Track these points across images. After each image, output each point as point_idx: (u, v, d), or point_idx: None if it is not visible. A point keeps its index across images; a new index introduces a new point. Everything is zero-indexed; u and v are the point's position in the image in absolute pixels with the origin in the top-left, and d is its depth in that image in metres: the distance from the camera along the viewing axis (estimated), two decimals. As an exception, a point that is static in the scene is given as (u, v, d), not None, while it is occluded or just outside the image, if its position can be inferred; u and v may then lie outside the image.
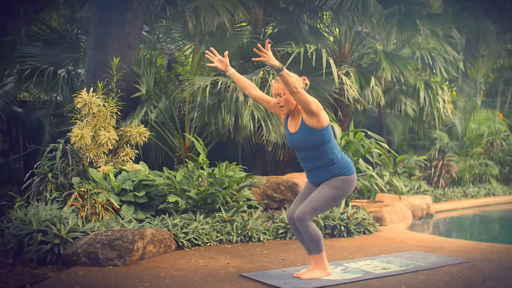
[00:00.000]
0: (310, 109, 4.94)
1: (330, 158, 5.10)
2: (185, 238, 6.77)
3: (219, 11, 10.16)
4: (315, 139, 5.04)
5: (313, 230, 5.15)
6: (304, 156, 5.20)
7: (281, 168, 12.34)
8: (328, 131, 5.09)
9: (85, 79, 9.76)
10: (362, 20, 11.24)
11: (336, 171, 5.11)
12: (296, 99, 4.90)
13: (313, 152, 5.10)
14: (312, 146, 5.07)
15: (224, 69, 5.46)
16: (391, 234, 8.01)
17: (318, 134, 5.03)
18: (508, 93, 19.00)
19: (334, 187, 5.11)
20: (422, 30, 12.38)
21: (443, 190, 13.43)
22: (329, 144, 5.10)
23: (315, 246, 5.23)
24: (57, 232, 5.94)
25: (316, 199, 5.12)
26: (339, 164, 5.12)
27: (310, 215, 5.11)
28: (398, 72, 11.94)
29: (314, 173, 5.21)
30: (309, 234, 5.15)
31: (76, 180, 7.36)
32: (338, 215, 7.99)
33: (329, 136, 5.09)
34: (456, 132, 15.41)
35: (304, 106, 4.93)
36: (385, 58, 11.94)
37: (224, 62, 5.45)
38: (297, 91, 4.82)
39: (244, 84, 5.50)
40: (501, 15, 17.93)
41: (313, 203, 5.11)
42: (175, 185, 7.79)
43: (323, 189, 5.14)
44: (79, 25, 12.87)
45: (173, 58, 13.48)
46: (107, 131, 8.27)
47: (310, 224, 5.13)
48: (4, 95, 11.30)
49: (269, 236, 7.50)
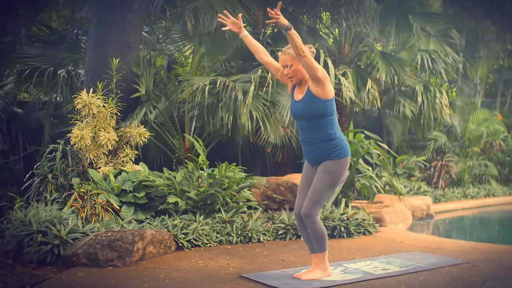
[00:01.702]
0: (316, 76, 4.97)
1: (329, 132, 5.10)
2: (185, 239, 6.77)
3: (218, 12, 10.17)
4: (318, 109, 5.05)
5: (319, 227, 5.16)
6: (304, 126, 5.20)
7: (280, 168, 12.35)
8: (332, 104, 5.12)
9: (85, 79, 9.76)
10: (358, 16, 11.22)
11: (332, 149, 5.10)
12: (303, 63, 4.93)
13: (313, 122, 5.11)
14: (314, 115, 5.08)
15: (238, 31, 5.48)
16: (391, 235, 8.01)
17: (321, 105, 5.05)
18: (507, 94, 19.00)
19: (329, 172, 5.11)
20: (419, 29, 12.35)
21: (443, 191, 13.44)
22: (330, 118, 5.12)
23: (319, 244, 5.23)
24: (57, 233, 5.94)
25: (316, 191, 5.11)
26: (336, 142, 5.12)
27: (316, 209, 5.13)
28: (393, 73, 11.92)
29: (311, 148, 5.20)
30: (315, 231, 5.15)
31: (76, 181, 7.36)
32: (338, 215, 7.99)
33: (332, 109, 5.11)
34: (455, 132, 15.42)
35: (310, 71, 4.96)
36: (381, 57, 11.94)
37: (238, 24, 5.46)
38: (304, 54, 4.86)
39: (256, 48, 5.53)
40: (501, 15, 17.93)
41: (315, 196, 5.11)
42: (175, 186, 7.79)
43: (320, 177, 5.12)
44: (79, 25, 12.86)
45: (173, 59, 13.49)
46: (107, 132, 8.28)
47: (317, 220, 5.14)
48: (4, 96, 11.31)
49: (269, 237, 7.50)
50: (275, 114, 10.06)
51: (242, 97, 9.40)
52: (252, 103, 9.56)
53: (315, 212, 5.12)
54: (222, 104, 9.46)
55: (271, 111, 9.94)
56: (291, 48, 5.00)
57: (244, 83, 9.87)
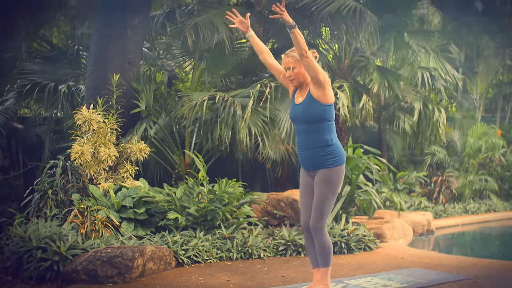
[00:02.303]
0: (318, 78, 4.99)
1: (326, 138, 5.10)
2: (185, 255, 6.75)
3: (218, 28, 10.22)
4: (317, 113, 5.06)
5: (327, 240, 5.15)
6: (302, 130, 5.19)
7: (281, 184, 12.33)
8: (331, 110, 5.13)
9: (86, 95, 9.78)
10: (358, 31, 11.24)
11: (328, 155, 5.09)
12: (305, 64, 4.94)
13: (311, 127, 5.11)
14: (313, 119, 5.08)
15: (245, 31, 5.48)
16: (392, 251, 7.99)
17: (321, 108, 5.06)
18: (507, 109, 19.01)
19: (327, 181, 5.10)
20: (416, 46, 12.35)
21: (443, 206, 13.41)
22: (328, 123, 5.12)
23: (324, 259, 5.19)
24: (56, 249, 5.92)
25: (319, 203, 5.10)
26: (333, 149, 5.11)
27: (324, 220, 5.12)
28: (386, 85, 11.93)
29: (307, 153, 5.18)
30: (323, 244, 5.13)
31: (76, 197, 7.35)
32: (339, 231, 7.97)
33: (330, 115, 5.12)
34: (455, 147, 15.42)
35: (312, 73, 4.98)
36: (376, 69, 11.96)
37: (245, 23, 5.47)
38: (306, 55, 4.88)
39: (261, 49, 5.54)
40: (500, 30, 18.00)
41: (319, 209, 5.10)
42: (175, 202, 7.78)
43: (319, 190, 5.11)
44: (80, 41, 12.90)
45: (173, 75, 13.53)
46: (107, 147, 8.28)
47: (326, 233, 5.14)
48: (5, 111, 11.32)
49: (269, 253, 7.48)
50: (274, 130, 10.06)
51: (241, 112, 9.41)
52: (251, 119, 9.57)
53: (323, 224, 5.12)
54: (220, 119, 9.47)
55: (270, 127, 9.94)
56: (295, 49, 5.01)
57: (243, 98, 9.89)
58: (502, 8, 18.58)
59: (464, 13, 16.89)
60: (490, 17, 17.51)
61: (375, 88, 11.71)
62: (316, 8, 10.57)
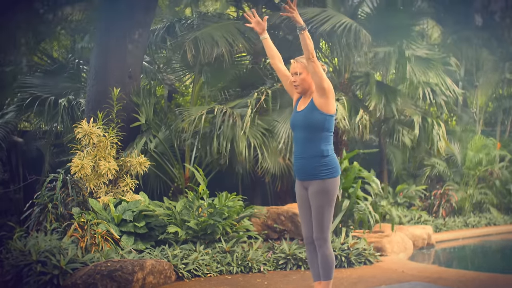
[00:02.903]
0: (322, 85, 5.00)
1: (322, 148, 5.08)
2: (185, 269, 6.74)
3: (218, 42, 10.26)
4: (317, 121, 5.06)
5: (330, 253, 5.13)
6: (300, 138, 5.17)
7: (281, 198, 12.32)
8: (331, 121, 5.13)
9: (86, 109, 9.80)
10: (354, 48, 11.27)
11: (323, 166, 5.07)
12: (311, 68, 4.96)
13: (310, 135, 5.10)
14: (312, 127, 5.08)
15: (260, 32, 5.49)
16: (392, 265, 7.97)
17: (321, 117, 5.06)
18: (507, 123, 19.02)
19: (322, 193, 5.08)
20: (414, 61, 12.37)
21: (443, 220, 13.40)
22: (327, 134, 5.11)
23: (326, 272, 5.16)
24: (56, 263, 5.92)
25: (317, 216, 5.09)
26: (328, 160, 5.09)
27: (327, 231, 5.11)
28: (384, 102, 11.95)
29: (303, 161, 5.15)
30: (326, 257, 5.11)
31: (76, 211, 7.35)
32: (339, 245, 7.96)
33: (330, 125, 5.12)
34: (455, 161, 15.42)
35: (316, 79, 4.99)
36: (375, 85, 12.00)
37: (262, 25, 5.48)
38: (313, 60, 4.90)
39: (273, 53, 5.57)
40: (500, 44, 18.06)
41: (319, 221, 5.08)
42: (175, 216, 7.78)
43: (316, 203, 5.09)
44: (80, 55, 12.94)
45: (173, 88, 13.55)
46: (107, 161, 8.29)
47: (329, 245, 5.13)
48: (5, 125, 11.33)
49: (269, 267, 7.47)
50: (273, 143, 10.06)
51: (240, 122, 9.41)
52: (250, 131, 9.58)
53: (327, 235, 5.10)
54: (220, 132, 9.48)
55: (269, 140, 9.95)
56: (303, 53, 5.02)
57: (241, 109, 9.91)
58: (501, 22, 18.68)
59: (464, 27, 16.97)
60: (490, 31, 17.59)
61: (371, 106, 11.73)
62: (312, 26, 10.60)
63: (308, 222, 5.26)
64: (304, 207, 5.29)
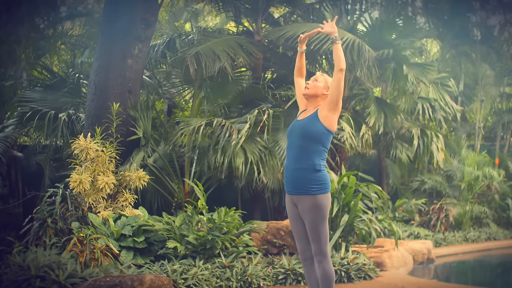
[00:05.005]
0: (336, 100, 5.04)
1: (315, 162, 5.04)
2: (184, 284, 6.72)
3: (219, 56, 10.30)
4: (316, 131, 5.05)
5: (330, 268, 5.09)
6: (295, 147, 5.13)
7: (280, 213, 12.32)
8: (329, 137, 5.12)
9: (86, 123, 9.82)
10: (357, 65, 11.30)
11: (314, 181, 5.02)
12: (335, 78, 5.00)
13: (305, 144, 5.07)
14: (309, 136, 5.07)
15: (300, 45, 5.54)
16: (392, 280, 7.95)
17: (321, 129, 5.06)
18: (506, 137, 19.04)
19: (314, 209, 5.03)
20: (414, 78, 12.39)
21: (443, 235, 13.38)
22: (321, 148, 5.09)
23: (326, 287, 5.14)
24: (55, 278, 5.90)
25: (313, 233, 5.06)
26: (320, 175, 5.05)
27: (326, 245, 5.09)
28: (382, 120, 11.99)
29: (294, 173, 5.10)
30: (326, 273, 5.07)
31: (76, 225, 7.34)
32: (339, 260, 7.94)
33: (327, 141, 5.11)
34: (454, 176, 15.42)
35: (334, 91, 5.03)
36: (375, 102, 12.03)
37: (304, 40, 5.53)
38: (342, 72, 4.97)
39: (300, 67, 5.63)
40: (499, 59, 18.13)
41: (315, 237, 5.06)
42: (174, 231, 7.77)
43: (309, 221, 5.05)
44: (80, 70, 12.99)
45: (173, 103, 13.59)
46: (106, 175, 8.29)
47: (329, 260, 5.10)
48: (4, 139, 11.34)
49: (269, 282, 7.44)
50: (273, 160, 10.06)
51: (237, 136, 9.43)
52: (248, 146, 9.60)
53: (326, 250, 5.08)
54: (218, 145, 9.49)
55: (268, 157, 9.95)
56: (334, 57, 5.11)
57: (240, 124, 9.93)
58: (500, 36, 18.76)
59: (463, 42, 17.05)
60: (489, 46, 17.67)
61: (371, 122, 11.78)
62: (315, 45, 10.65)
63: (302, 237, 5.23)
64: (296, 223, 5.25)
